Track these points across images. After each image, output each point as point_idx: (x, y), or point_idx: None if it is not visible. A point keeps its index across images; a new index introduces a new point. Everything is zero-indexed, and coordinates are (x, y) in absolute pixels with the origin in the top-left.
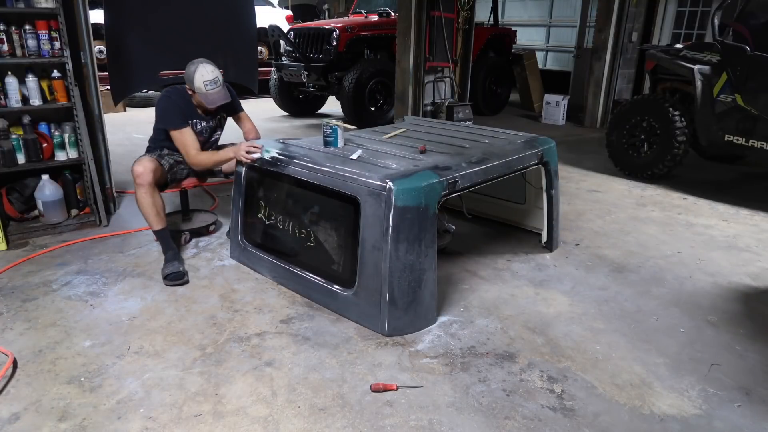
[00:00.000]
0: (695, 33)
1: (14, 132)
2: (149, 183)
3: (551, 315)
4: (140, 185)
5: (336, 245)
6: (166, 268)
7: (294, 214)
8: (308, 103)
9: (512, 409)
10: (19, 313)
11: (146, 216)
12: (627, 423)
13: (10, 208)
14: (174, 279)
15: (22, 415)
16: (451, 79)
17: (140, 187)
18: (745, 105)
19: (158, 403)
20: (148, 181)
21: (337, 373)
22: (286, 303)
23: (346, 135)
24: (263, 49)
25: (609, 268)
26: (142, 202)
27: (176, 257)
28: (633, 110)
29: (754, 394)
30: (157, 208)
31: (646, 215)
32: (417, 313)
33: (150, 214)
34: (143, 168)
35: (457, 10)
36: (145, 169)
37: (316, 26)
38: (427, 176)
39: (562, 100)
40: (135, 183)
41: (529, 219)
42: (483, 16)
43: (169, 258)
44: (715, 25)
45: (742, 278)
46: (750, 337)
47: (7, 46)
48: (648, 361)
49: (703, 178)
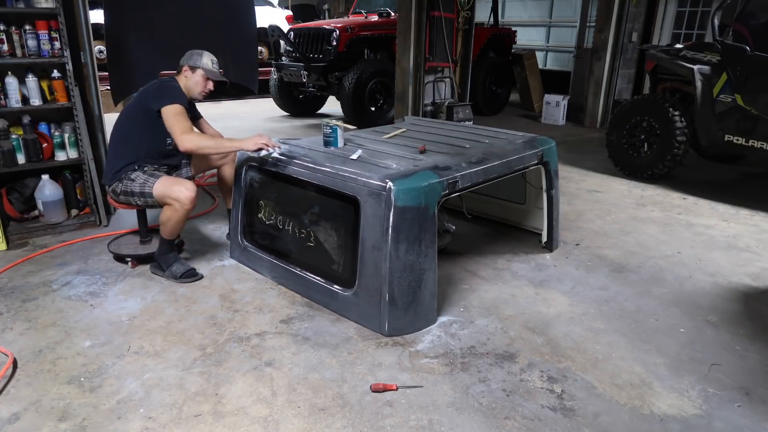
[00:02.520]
0: (695, 33)
1: (14, 132)
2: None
3: (551, 315)
4: (188, 211)
5: (336, 245)
6: (175, 268)
7: (294, 214)
8: (308, 103)
9: (512, 409)
10: (19, 313)
11: (173, 230)
12: (627, 423)
13: (10, 208)
14: (189, 276)
15: (22, 415)
16: (451, 79)
17: (187, 213)
18: (745, 105)
19: (158, 403)
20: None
21: (337, 373)
22: (286, 303)
23: (346, 135)
24: (263, 49)
25: (609, 268)
26: (180, 222)
27: (178, 258)
28: (633, 110)
29: (754, 394)
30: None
31: (646, 215)
32: (417, 313)
33: (176, 231)
34: (193, 193)
35: (457, 10)
36: (194, 194)
37: (316, 26)
38: (427, 176)
39: (562, 100)
40: (181, 207)
41: (529, 219)
42: (483, 16)
43: (173, 259)
44: (715, 25)
45: (742, 278)
46: (750, 337)
47: (7, 46)
48: (648, 361)
49: (703, 178)
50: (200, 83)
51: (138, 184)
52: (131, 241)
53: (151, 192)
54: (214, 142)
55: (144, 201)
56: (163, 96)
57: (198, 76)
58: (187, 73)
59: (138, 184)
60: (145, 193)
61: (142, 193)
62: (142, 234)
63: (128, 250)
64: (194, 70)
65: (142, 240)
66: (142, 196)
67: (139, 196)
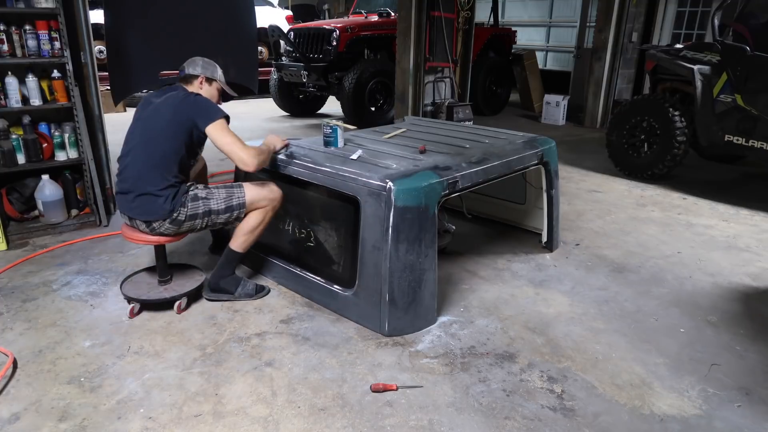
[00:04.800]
0: (695, 33)
1: (14, 132)
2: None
3: (551, 315)
4: (275, 208)
5: (336, 245)
6: (249, 287)
7: (294, 214)
8: (308, 103)
9: (512, 409)
10: (19, 313)
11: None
12: (627, 423)
13: (10, 208)
14: (261, 291)
15: (22, 415)
16: (451, 79)
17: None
18: (745, 105)
19: (158, 403)
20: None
21: (337, 373)
22: (286, 303)
23: (346, 135)
24: (263, 49)
25: (609, 268)
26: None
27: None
28: (633, 110)
29: (754, 394)
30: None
31: (646, 215)
32: (417, 313)
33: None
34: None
35: (457, 10)
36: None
37: (316, 26)
38: (427, 176)
39: (562, 100)
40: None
41: (529, 219)
42: (483, 16)
43: (238, 278)
44: (715, 25)
45: (742, 278)
46: (750, 337)
47: (7, 46)
48: (648, 361)
49: (703, 178)
50: (215, 97)
51: (201, 203)
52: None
53: (241, 203)
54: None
55: (209, 220)
56: (208, 111)
57: (214, 90)
58: (203, 84)
59: (201, 202)
60: (219, 210)
61: (211, 210)
62: (162, 273)
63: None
64: (211, 83)
65: (160, 280)
66: (209, 214)
67: (203, 217)
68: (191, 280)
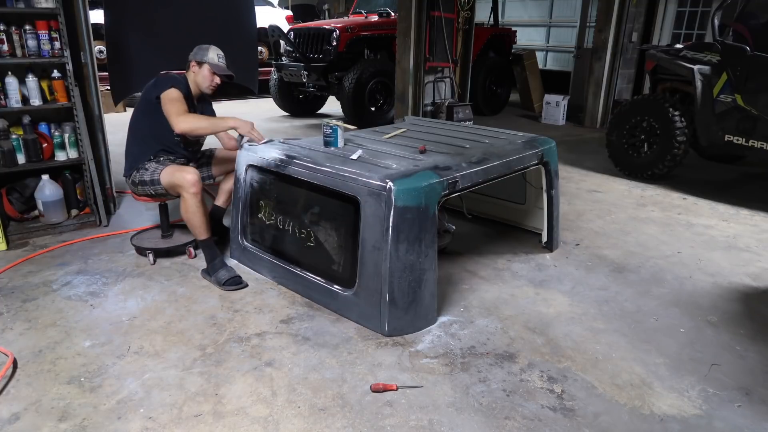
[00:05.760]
0: (695, 33)
1: (14, 132)
2: (201, 191)
3: (551, 315)
4: (194, 194)
5: (336, 245)
6: (220, 274)
7: (294, 214)
8: (308, 103)
9: (512, 409)
10: (19, 313)
11: (195, 226)
12: (627, 423)
13: (10, 208)
14: (234, 284)
15: (22, 415)
16: (451, 79)
17: (194, 197)
18: (745, 105)
19: (158, 403)
20: (200, 189)
21: (337, 373)
22: (286, 303)
23: (346, 135)
24: (263, 49)
25: (609, 268)
26: (196, 212)
27: (224, 264)
28: (633, 110)
29: (754, 394)
30: (206, 216)
31: (646, 215)
32: (417, 313)
33: (201, 224)
34: (195, 176)
35: (457, 10)
36: (197, 177)
37: (316, 26)
38: (428, 176)
39: (562, 100)
40: (186, 192)
41: (529, 219)
42: (483, 16)
43: (219, 264)
44: (715, 25)
45: (742, 278)
46: (750, 337)
47: (7, 46)
48: (648, 361)
49: (703, 178)
50: (207, 77)
51: (149, 173)
52: (153, 236)
53: (158, 179)
54: (208, 121)
55: (155, 189)
56: (161, 84)
57: (205, 71)
58: (194, 68)
59: (149, 172)
60: (154, 181)
61: (152, 180)
62: (164, 228)
63: (150, 243)
64: (201, 65)
65: (163, 234)
66: (152, 184)
67: (149, 185)
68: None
